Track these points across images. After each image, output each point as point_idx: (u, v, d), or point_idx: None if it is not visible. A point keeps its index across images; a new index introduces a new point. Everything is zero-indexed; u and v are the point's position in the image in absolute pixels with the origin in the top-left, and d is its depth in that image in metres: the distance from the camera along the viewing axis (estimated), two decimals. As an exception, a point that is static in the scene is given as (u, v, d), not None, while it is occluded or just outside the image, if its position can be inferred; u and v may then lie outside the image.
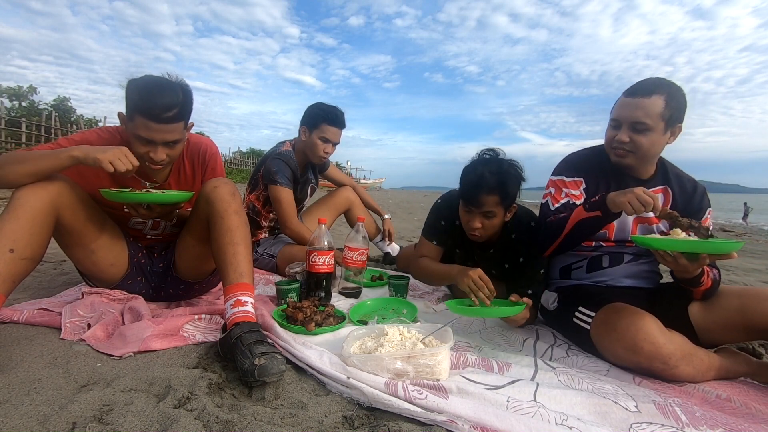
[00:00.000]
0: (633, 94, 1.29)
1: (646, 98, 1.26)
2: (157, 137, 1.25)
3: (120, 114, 1.30)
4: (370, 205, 2.71)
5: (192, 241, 1.44)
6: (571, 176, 1.45)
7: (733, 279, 3.18)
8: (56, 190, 1.19)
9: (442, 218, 1.69)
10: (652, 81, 1.29)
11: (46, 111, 15.85)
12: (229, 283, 1.22)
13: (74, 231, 1.28)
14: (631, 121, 1.29)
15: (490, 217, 1.49)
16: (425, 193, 30.04)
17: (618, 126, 1.33)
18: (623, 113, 1.31)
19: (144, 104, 1.21)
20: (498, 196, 1.45)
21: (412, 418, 0.92)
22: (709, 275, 1.26)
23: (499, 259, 1.68)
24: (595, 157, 1.47)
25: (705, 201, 1.42)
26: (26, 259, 1.14)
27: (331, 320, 1.42)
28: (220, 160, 1.58)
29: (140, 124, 1.23)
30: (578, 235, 1.33)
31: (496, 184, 1.43)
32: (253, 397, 0.99)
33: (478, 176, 1.44)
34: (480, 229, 1.50)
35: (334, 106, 2.22)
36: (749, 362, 1.25)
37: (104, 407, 0.88)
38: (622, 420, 0.94)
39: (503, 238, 1.61)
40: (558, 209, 1.42)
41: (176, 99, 1.24)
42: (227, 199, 1.29)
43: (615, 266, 1.45)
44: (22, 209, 1.14)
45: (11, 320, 1.29)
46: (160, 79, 1.27)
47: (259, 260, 2.26)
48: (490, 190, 1.43)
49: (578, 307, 1.34)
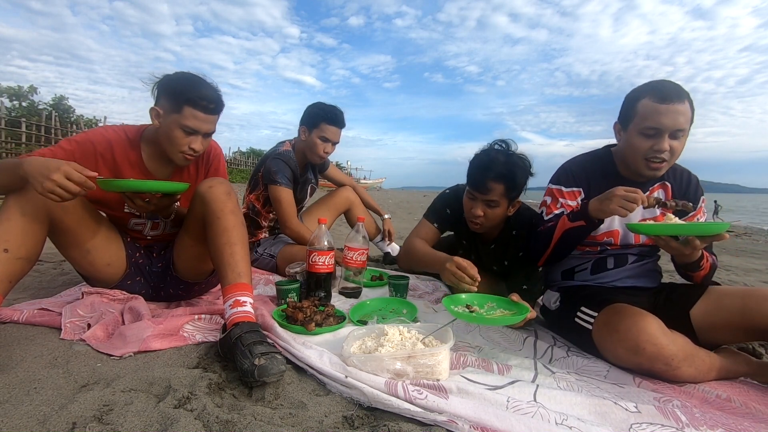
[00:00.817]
0: (669, 100, 1.22)
1: (682, 104, 1.22)
2: (203, 128, 1.34)
3: (154, 109, 1.34)
4: (370, 205, 2.71)
5: (189, 242, 1.44)
6: (569, 186, 1.44)
7: (733, 279, 3.18)
8: None
9: (449, 207, 1.69)
10: (674, 84, 1.26)
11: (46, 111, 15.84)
12: (227, 284, 1.22)
13: (69, 231, 1.28)
14: (674, 129, 1.23)
15: (492, 207, 1.49)
16: (425, 193, 30.04)
17: (657, 135, 1.24)
18: (666, 121, 1.22)
19: (196, 95, 1.30)
20: (504, 186, 1.45)
21: (412, 418, 0.92)
22: (708, 260, 1.29)
23: (500, 254, 1.69)
24: (596, 164, 1.45)
25: (699, 190, 1.44)
26: (21, 258, 1.14)
27: (331, 320, 1.42)
28: (223, 160, 1.60)
29: (189, 115, 1.31)
30: (567, 245, 1.34)
31: (504, 172, 1.44)
32: (253, 397, 0.99)
33: (488, 161, 1.45)
34: (482, 217, 1.50)
35: (333, 105, 2.22)
36: (749, 362, 1.25)
37: (104, 407, 0.88)
38: (622, 420, 0.94)
39: (504, 233, 1.61)
40: (550, 219, 1.41)
41: (219, 92, 1.37)
42: (223, 198, 1.29)
43: (619, 267, 1.45)
44: (13, 210, 1.15)
45: (11, 320, 1.29)
46: (198, 75, 1.37)
47: (259, 260, 2.26)
48: (497, 177, 1.44)
49: (580, 308, 1.34)
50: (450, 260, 1.38)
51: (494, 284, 1.75)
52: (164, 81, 1.35)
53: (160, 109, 1.33)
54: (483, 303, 1.37)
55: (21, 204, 1.16)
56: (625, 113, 1.33)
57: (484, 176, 1.44)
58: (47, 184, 1.02)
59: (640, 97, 1.28)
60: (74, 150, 1.31)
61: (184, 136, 1.33)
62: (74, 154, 1.31)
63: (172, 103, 1.31)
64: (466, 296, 1.40)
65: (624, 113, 1.34)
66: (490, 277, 1.78)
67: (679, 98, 1.23)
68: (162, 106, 1.33)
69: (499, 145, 1.53)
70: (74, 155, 1.30)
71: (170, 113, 1.32)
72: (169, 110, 1.32)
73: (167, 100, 1.32)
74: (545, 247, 1.36)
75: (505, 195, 1.47)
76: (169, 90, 1.32)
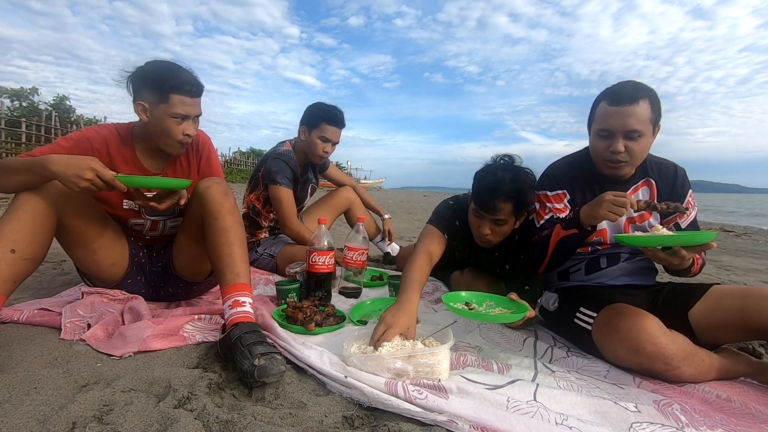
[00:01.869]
0: (619, 102, 1.25)
1: (635, 105, 1.24)
2: (193, 111, 1.36)
3: (139, 104, 1.33)
4: (370, 205, 2.71)
5: (187, 242, 1.44)
6: (554, 189, 1.44)
7: (733, 279, 3.18)
8: (58, 191, 1.19)
9: (458, 219, 1.63)
10: (632, 86, 1.27)
11: (46, 111, 15.84)
12: (226, 284, 1.22)
13: (76, 231, 1.28)
14: (625, 131, 1.26)
15: (500, 225, 1.46)
16: (425, 193, 30.05)
17: (609, 136, 1.29)
18: (615, 123, 1.26)
19: (179, 81, 1.30)
20: (513, 205, 1.41)
21: (412, 418, 0.92)
22: (698, 263, 1.31)
23: (502, 260, 1.68)
24: (577, 165, 1.46)
25: (687, 184, 1.43)
26: (27, 259, 1.14)
27: (331, 320, 1.42)
28: (213, 149, 1.58)
29: (177, 102, 1.31)
30: (563, 253, 1.34)
31: (512, 192, 1.39)
32: (253, 397, 0.99)
33: (495, 182, 1.39)
34: (490, 235, 1.48)
35: (333, 105, 2.22)
36: (749, 362, 1.25)
37: (104, 407, 0.88)
38: (623, 420, 0.94)
39: (508, 240, 1.59)
40: (543, 226, 1.42)
41: (196, 74, 1.37)
42: (220, 199, 1.28)
43: (612, 266, 1.46)
44: (23, 209, 1.14)
45: (11, 320, 1.29)
46: (171, 62, 1.36)
47: (259, 260, 2.26)
48: (506, 198, 1.40)
49: (579, 308, 1.34)
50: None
51: (493, 283, 1.75)
52: (140, 74, 1.32)
53: (145, 103, 1.32)
54: (482, 301, 1.37)
55: (32, 204, 1.15)
56: (589, 116, 1.38)
57: (491, 198, 1.40)
58: (83, 184, 1.09)
59: (599, 100, 1.33)
60: (71, 147, 1.31)
61: (176, 124, 1.33)
62: (71, 151, 1.30)
63: (157, 95, 1.30)
64: (466, 294, 1.40)
65: (589, 116, 1.39)
66: (489, 276, 1.78)
67: (632, 100, 1.24)
68: (146, 99, 1.32)
69: (503, 160, 1.49)
70: (72, 152, 1.30)
71: (157, 105, 1.31)
72: (156, 102, 1.31)
73: (150, 92, 1.31)
74: (543, 257, 1.37)
75: (513, 213, 1.44)
76: (150, 82, 1.31)
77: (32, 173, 1.12)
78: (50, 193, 1.18)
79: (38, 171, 1.11)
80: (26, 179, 1.15)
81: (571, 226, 1.27)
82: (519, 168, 1.46)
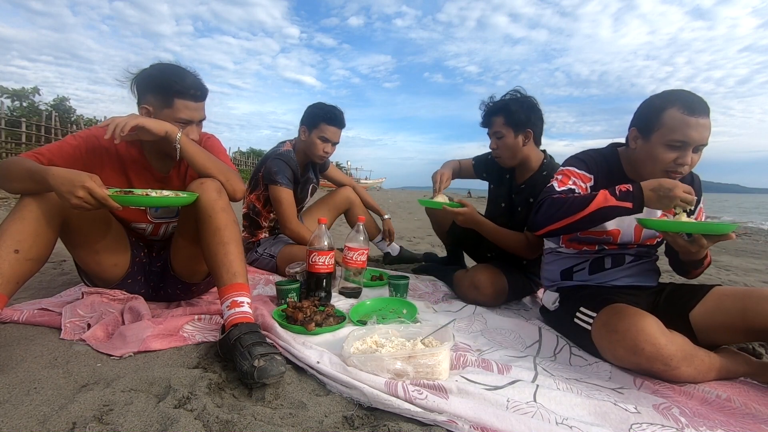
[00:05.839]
0: (698, 113, 1.19)
1: (708, 118, 1.21)
2: (197, 116, 1.36)
3: (144, 108, 1.32)
4: (370, 205, 2.71)
5: (183, 242, 1.43)
6: (581, 170, 1.41)
7: (733, 279, 3.18)
8: None
9: (484, 171, 2.11)
10: (699, 97, 1.23)
11: (47, 111, 15.84)
12: (222, 285, 1.20)
13: (81, 231, 1.28)
14: (699, 144, 1.22)
15: (500, 137, 1.80)
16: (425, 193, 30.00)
17: (682, 147, 1.21)
18: (697, 136, 1.19)
19: (183, 86, 1.30)
20: (503, 117, 1.75)
21: (412, 418, 0.92)
22: (708, 257, 1.35)
23: (528, 194, 1.85)
24: (604, 161, 1.43)
25: (700, 192, 1.44)
26: (31, 259, 1.13)
27: (331, 320, 1.42)
28: (217, 142, 1.54)
29: (181, 107, 1.31)
30: (595, 220, 1.26)
31: (500, 105, 1.77)
32: (253, 397, 0.99)
33: (489, 102, 1.83)
34: (496, 150, 1.85)
35: (333, 105, 2.22)
36: (749, 362, 1.25)
37: (104, 407, 0.88)
38: (622, 420, 0.94)
39: (536, 174, 1.84)
40: (565, 191, 1.36)
41: (200, 77, 1.36)
42: (213, 197, 1.26)
43: (617, 267, 1.45)
44: (28, 209, 1.14)
45: (11, 320, 1.29)
46: (176, 65, 1.36)
47: (259, 260, 2.26)
48: (495, 111, 1.79)
49: (579, 308, 1.34)
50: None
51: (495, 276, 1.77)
52: (145, 76, 1.32)
53: (149, 106, 1.32)
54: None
55: (37, 204, 1.15)
56: (647, 121, 1.27)
57: (485, 113, 1.82)
58: (74, 201, 1.05)
59: (666, 106, 1.23)
60: (80, 145, 1.31)
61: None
62: (80, 148, 1.30)
63: (162, 99, 1.29)
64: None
65: (645, 121, 1.28)
66: (490, 275, 1.78)
67: (706, 112, 1.21)
68: (151, 103, 1.32)
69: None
70: (80, 150, 1.30)
71: (162, 109, 1.31)
72: (160, 106, 1.30)
73: (155, 96, 1.30)
74: (567, 215, 1.27)
75: (507, 125, 1.75)
76: (154, 85, 1.30)
77: (35, 182, 1.12)
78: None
79: (40, 181, 1.10)
80: (30, 187, 1.15)
81: (628, 199, 1.20)
82: (517, 92, 1.79)
